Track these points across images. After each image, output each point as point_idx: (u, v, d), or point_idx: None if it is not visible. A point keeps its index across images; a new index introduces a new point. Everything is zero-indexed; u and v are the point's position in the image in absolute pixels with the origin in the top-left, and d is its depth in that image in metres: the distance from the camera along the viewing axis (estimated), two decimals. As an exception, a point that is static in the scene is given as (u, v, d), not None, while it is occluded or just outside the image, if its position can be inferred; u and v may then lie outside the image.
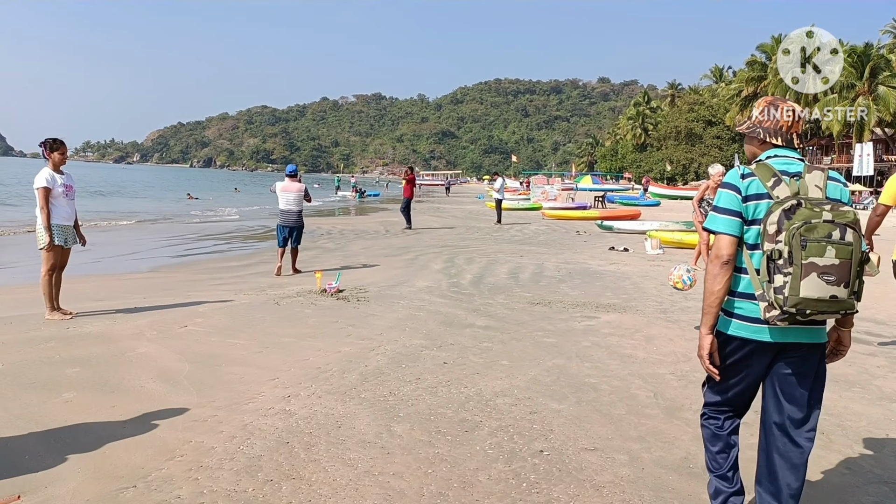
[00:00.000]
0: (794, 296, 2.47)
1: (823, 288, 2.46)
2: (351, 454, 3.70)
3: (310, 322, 6.98)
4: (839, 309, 2.52)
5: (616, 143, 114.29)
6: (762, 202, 2.66)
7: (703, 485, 3.43)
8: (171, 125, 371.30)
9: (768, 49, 70.98)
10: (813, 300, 2.46)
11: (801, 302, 2.47)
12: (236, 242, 17.63)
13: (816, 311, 2.49)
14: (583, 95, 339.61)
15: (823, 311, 2.50)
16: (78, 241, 7.28)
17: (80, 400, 4.50)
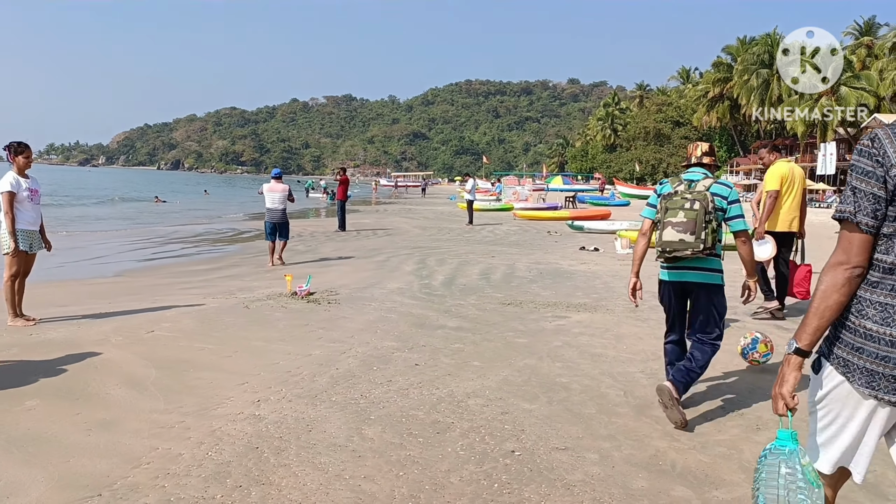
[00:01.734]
0: (659, 241, 4.35)
1: (675, 235, 4.24)
2: (321, 458, 3.67)
3: (280, 325, 6.91)
4: (688, 248, 4.21)
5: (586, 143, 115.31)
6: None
7: (673, 482, 3.47)
8: (138, 127, 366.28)
9: (733, 51, 72.20)
10: (668, 241, 4.27)
11: (662, 244, 4.31)
12: (205, 246, 17.44)
13: (673, 249, 4.26)
14: (553, 97, 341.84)
15: (677, 248, 4.24)
16: (43, 246, 7.13)
17: (43, 408, 4.41)
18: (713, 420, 4.40)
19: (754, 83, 64.11)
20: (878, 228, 2.00)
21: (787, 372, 2.16)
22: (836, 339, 2.11)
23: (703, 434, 4.14)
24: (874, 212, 1.98)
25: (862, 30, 60.74)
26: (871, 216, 1.98)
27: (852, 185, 2.04)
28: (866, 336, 2.01)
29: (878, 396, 2.00)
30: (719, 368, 5.57)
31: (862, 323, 2.02)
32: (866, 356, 2.01)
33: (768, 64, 63.70)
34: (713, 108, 73.06)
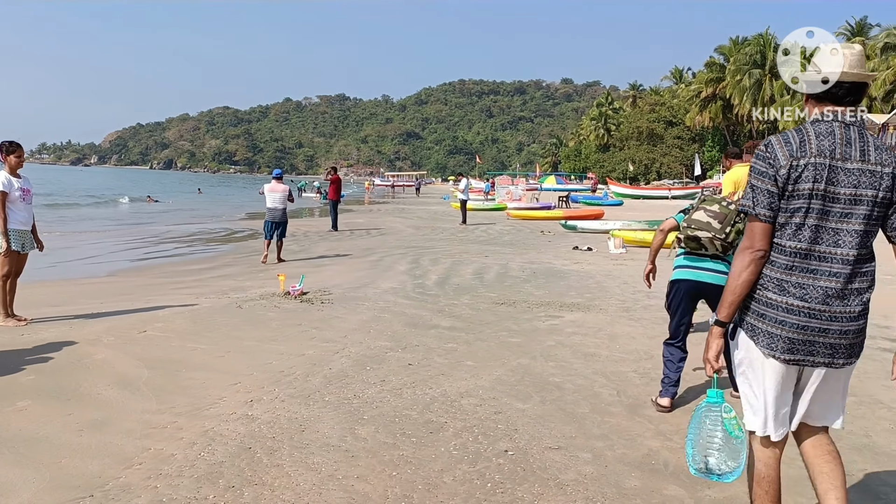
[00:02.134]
0: (688, 219, 4.46)
1: (704, 216, 4.38)
2: (314, 458, 3.67)
3: (273, 325, 6.90)
4: (712, 232, 4.32)
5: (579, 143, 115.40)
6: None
7: (665, 481, 3.49)
8: (130, 126, 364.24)
9: (726, 51, 72.37)
10: (696, 220, 4.39)
11: (690, 221, 4.43)
12: (198, 245, 17.39)
13: (698, 227, 4.36)
14: (546, 96, 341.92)
15: (702, 228, 4.35)
16: (35, 246, 7.10)
17: (34, 408, 4.39)
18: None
19: (747, 83, 64.31)
20: (775, 218, 2.43)
21: (711, 340, 2.55)
22: (746, 308, 2.52)
23: (695, 433, 4.15)
24: (769, 205, 2.41)
25: (853, 30, 60.98)
26: (767, 208, 2.42)
27: (751, 183, 2.47)
28: (767, 304, 2.45)
29: (776, 356, 2.43)
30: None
31: (764, 294, 2.45)
32: (768, 321, 2.44)
33: (761, 64, 63.94)
34: (706, 108, 73.24)
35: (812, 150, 2.39)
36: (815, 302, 2.40)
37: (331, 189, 20.73)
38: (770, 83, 62.28)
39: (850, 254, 2.40)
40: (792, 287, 2.41)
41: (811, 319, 2.40)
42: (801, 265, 2.41)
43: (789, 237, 2.42)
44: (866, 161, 2.39)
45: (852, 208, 2.38)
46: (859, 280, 2.43)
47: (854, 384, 5.20)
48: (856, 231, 2.39)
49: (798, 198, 2.39)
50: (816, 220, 2.39)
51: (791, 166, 2.39)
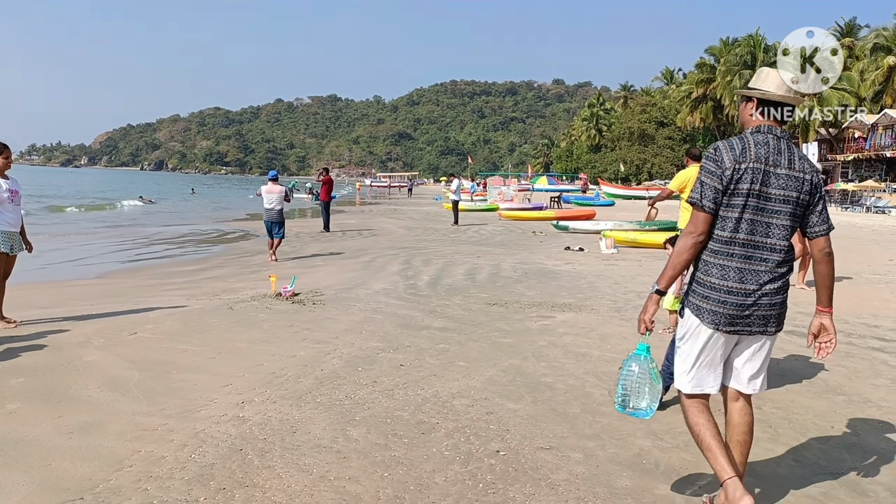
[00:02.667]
0: None
1: None
2: (306, 459, 3.66)
3: (264, 327, 6.89)
4: None
5: (571, 143, 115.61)
6: None
7: (656, 480, 3.50)
8: (121, 127, 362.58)
9: (717, 52, 72.68)
10: None
11: None
12: (189, 247, 17.33)
13: None
14: (538, 97, 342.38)
15: None
16: (24, 247, 7.06)
17: (24, 411, 4.36)
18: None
19: (737, 84, 64.55)
20: (716, 211, 2.89)
21: (649, 305, 3.02)
22: (692, 292, 2.99)
23: (686, 433, 4.14)
24: (714, 199, 2.88)
25: (843, 31, 61.35)
26: (712, 202, 2.88)
27: (701, 179, 2.93)
28: (711, 288, 2.91)
29: (719, 329, 2.91)
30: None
31: (708, 279, 2.93)
32: (712, 301, 2.91)
33: (751, 65, 64.17)
34: (696, 109, 73.53)
35: (751, 156, 2.87)
36: (750, 283, 2.88)
37: (322, 190, 20.72)
38: (760, 84, 62.48)
39: (778, 243, 2.90)
40: (732, 272, 2.88)
41: (747, 297, 2.88)
42: (739, 252, 2.89)
43: (731, 229, 2.88)
44: (792, 168, 2.90)
45: (781, 206, 2.88)
46: (785, 265, 2.94)
47: (843, 382, 5.25)
48: (783, 225, 2.90)
49: (738, 195, 2.86)
50: (752, 214, 2.87)
51: (734, 169, 2.86)
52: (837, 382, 5.28)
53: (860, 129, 52.38)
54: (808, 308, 8.20)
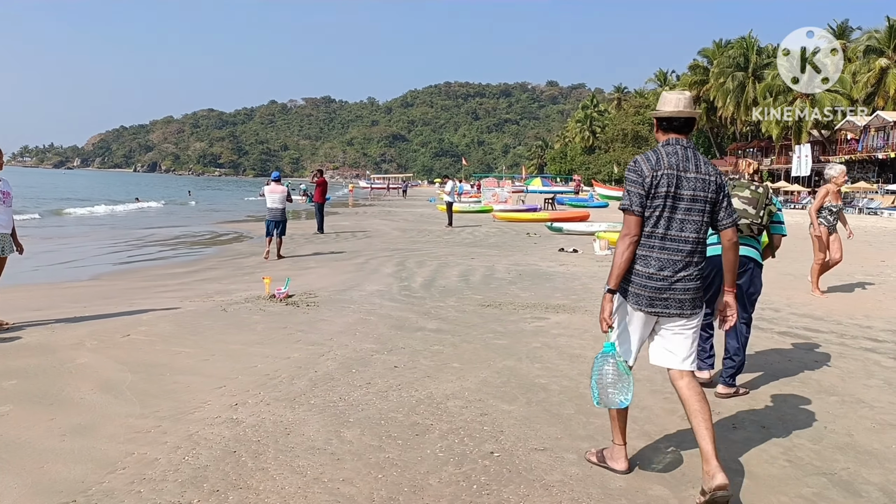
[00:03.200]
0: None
1: (740, 204, 4.96)
2: (300, 461, 3.65)
3: (258, 328, 6.87)
4: (749, 218, 4.98)
5: (565, 145, 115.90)
6: None
7: (650, 482, 3.50)
8: (114, 129, 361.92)
9: (710, 54, 72.94)
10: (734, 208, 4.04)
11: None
12: (182, 248, 17.28)
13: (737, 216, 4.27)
14: (532, 99, 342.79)
15: (740, 216, 4.83)
16: (15, 249, 7.03)
17: (16, 413, 4.34)
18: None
19: (730, 86, 64.83)
20: (643, 213, 3.35)
21: (605, 304, 3.43)
22: (633, 275, 3.41)
23: (679, 434, 4.17)
24: (641, 203, 3.34)
25: (835, 33, 61.58)
26: (640, 206, 3.34)
27: (628, 189, 3.40)
28: (635, 274, 3.39)
29: (640, 309, 3.39)
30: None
31: (633, 266, 3.39)
32: (635, 285, 3.39)
33: (744, 67, 64.52)
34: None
35: (665, 164, 3.36)
36: (668, 270, 3.34)
37: (317, 192, 20.73)
38: (753, 85, 62.84)
39: (690, 236, 3.36)
40: (653, 260, 3.36)
41: (664, 282, 3.34)
42: (659, 245, 3.36)
43: (651, 225, 3.36)
44: (699, 172, 3.39)
45: (692, 205, 3.36)
46: (697, 255, 3.40)
47: (836, 383, 5.27)
48: (695, 220, 3.37)
49: (657, 198, 3.34)
50: (669, 213, 3.35)
51: (653, 176, 3.34)
52: (830, 383, 5.30)
53: (853, 131, 52.64)
54: (801, 309, 8.27)
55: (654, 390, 5.02)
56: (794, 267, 12.80)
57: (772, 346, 6.47)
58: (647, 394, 4.93)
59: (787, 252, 15.92)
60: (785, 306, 8.58)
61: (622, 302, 3.46)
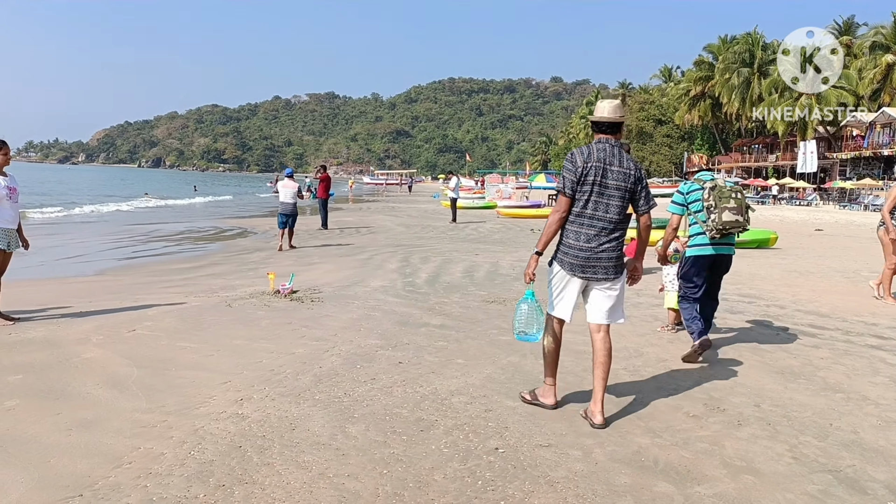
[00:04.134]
0: (719, 222, 5.65)
1: (732, 216, 5.66)
2: (305, 456, 3.66)
3: (263, 324, 6.88)
4: (741, 226, 5.73)
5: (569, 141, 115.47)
6: (695, 192, 5.89)
7: (655, 478, 3.50)
8: (118, 124, 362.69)
9: (715, 49, 72.65)
10: (728, 222, 5.65)
11: (724, 223, 5.64)
12: (187, 244, 17.30)
13: (731, 227, 5.67)
14: (536, 94, 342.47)
15: (734, 227, 5.69)
16: (21, 244, 7.05)
17: (23, 408, 4.36)
18: (694, 416, 4.44)
19: (735, 82, 64.60)
20: (574, 196, 4.17)
21: (531, 262, 4.26)
22: (557, 249, 4.31)
23: (684, 430, 4.17)
24: (572, 188, 4.16)
25: (841, 29, 61.36)
26: (571, 190, 4.17)
27: (563, 175, 4.22)
28: (568, 246, 4.21)
29: (575, 275, 4.21)
30: (700, 365, 5.62)
31: (567, 240, 4.22)
32: (569, 256, 4.21)
33: (749, 63, 64.27)
34: (695, 107, 73.51)
35: (594, 158, 4.17)
36: (594, 242, 4.15)
37: (320, 187, 20.78)
38: (758, 81, 62.61)
39: (613, 217, 4.17)
40: (582, 235, 4.16)
41: (591, 253, 4.15)
42: (587, 223, 4.16)
43: (582, 207, 4.16)
44: (622, 166, 4.19)
45: (614, 192, 4.16)
46: (618, 231, 4.19)
47: (841, 380, 5.26)
48: (616, 204, 4.17)
49: (586, 185, 4.14)
50: (596, 197, 4.15)
51: (584, 166, 4.14)
52: (836, 380, 5.29)
53: (858, 128, 52.42)
54: (807, 306, 8.24)
55: (659, 387, 5.02)
56: (799, 264, 12.78)
57: (777, 343, 6.46)
58: (651, 391, 4.94)
59: (792, 249, 15.91)
60: (790, 303, 8.56)
61: (560, 270, 4.27)
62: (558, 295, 4.30)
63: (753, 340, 6.54)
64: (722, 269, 5.94)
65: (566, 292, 4.27)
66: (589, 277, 4.19)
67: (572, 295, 4.26)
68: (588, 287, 4.27)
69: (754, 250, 14.79)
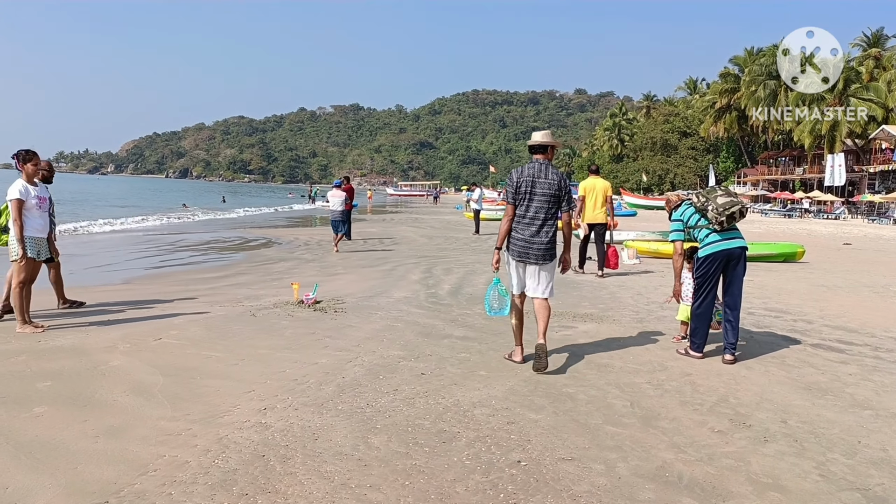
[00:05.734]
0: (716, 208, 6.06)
1: (726, 197, 6.11)
2: (328, 467, 3.68)
3: (286, 334, 6.93)
4: (738, 203, 6.07)
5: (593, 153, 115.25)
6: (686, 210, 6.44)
7: (680, 494, 3.46)
8: (147, 135, 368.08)
9: (741, 61, 72.14)
10: (725, 202, 6.05)
11: (721, 205, 6.04)
12: (212, 254, 17.47)
13: (730, 204, 6.03)
14: (560, 106, 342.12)
15: (733, 203, 6.04)
16: (51, 253, 7.18)
17: (51, 414, 4.43)
18: (720, 431, 4.39)
19: (762, 94, 64.04)
20: (515, 203, 5.63)
21: (494, 255, 5.65)
22: (508, 240, 5.69)
23: (710, 446, 4.12)
24: (512, 197, 5.62)
25: (869, 41, 60.63)
26: (511, 199, 5.64)
27: (506, 188, 5.73)
28: (514, 239, 5.64)
29: (517, 259, 5.63)
30: (726, 379, 5.56)
31: (513, 235, 5.64)
32: (513, 245, 5.65)
33: (776, 75, 63.65)
34: (720, 119, 72.99)
35: (526, 174, 5.65)
36: (528, 236, 5.59)
37: None
38: (785, 94, 61.94)
39: (542, 216, 5.59)
40: (521, 230, 5.62)
41: (526, 244, 5.60)
42: (525, 222, 5.62)
43: (523, 210, 5.61)
44: (547, 178, 5.63)
45: (542, 198, 5.59)
46: (546, 227, 5.61)
47: (870, 397, 5.17)
48: (545, 208, 5.60)
49: (520, 194, 5.61)
50: (528, 202, 5.60)
51: (517, 181, 5.63)
52: (865, 397, 5.20)
53: (887, 141, 51.63)
54: (835, 321, 8.14)
55: (684, 402, 4.97)
56: (827, 278, 12.59)
57: (804, 358, 6.37)
58: (676, 405, 4.89)
59: (819, 263, 15.68)
60: (818, 318, 8.44)
61: (508, 257, 5.75)
62: (511, 275, 5.79)
63: (780, 355, 6.45)
64: (737, 266, 6.12)
65: (514, 273, 5.76)
66: (526, 261, 5.63)
67: (517, 274, 5.73)
68: (525, 268, 5.67)
69: (781, 264, 14.61)
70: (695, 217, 6.29)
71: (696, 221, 6.27)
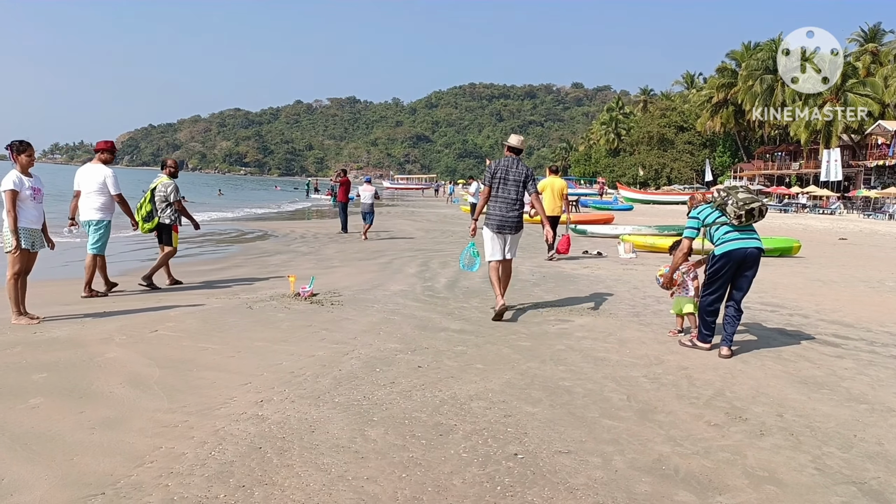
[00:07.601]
0: (737, 203, 5.99)
1: (747, 194, 6.03)
2: (324, 459, 3.68)
3: (283, 326, 6.92)
4: (759, 200, 6.03)
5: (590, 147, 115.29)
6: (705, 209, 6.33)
7: (676, 487, 3.47)
8: (142, 127, 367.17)
9: (738, 56, 72.16)
10: (745, 198, 5.98)
11: (742, 200, 5.96)
12: (208, 246, 17.45)
13: (751, 200, 5.96)
14: (557, 100, 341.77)
15: (754, 199, 5.98)
16: (46, 244, 7.15)
17: (47, 406, 4.42)
18: (716, 425, 4.40)
19: (758, 89, 64.09)
20: (491, 186, 7.56)
21: (470, 227, 7.83)
22: (486, 216, 7.59)
23: (706, 439, 4.13)
24: (489, 181, 7.59)
25: (867, 36, 60.70)
26: (487, 182, 7.60)
27: (485, 175, 7.75)
28: (489, 214, 7.55)
29: (497, 231, 7.52)
30: (722, 373, 5.57)
31: (489, 212, 7.54)
32: (490, 219, 7.54)
33: (773, 70, 63.70)
34: (717, 114, 73.04)
35: (501, 166, 7.55)
36: (503, 212, 7.43)
37: (340, 191, 20.98)
38: (782, 88, 62.01)
39: (512, 196, 7.45)
40: (496, 207, 7.45)
41: (501, 218, 7.44)
42: (499, 201, 7.46)
43: (496, 192, 7.47)
44: (517, 169, 7.52)
45: (513, 183, 7.47)
46: (516, 205, 7.44)
47: (866, 391, 5.19)
48: (515, 189, 7.46)
49: (496, 179, 7.49)
50: (501, 185, 7.46)
51: (496, 169, 7.52)
52: (860, 391, 5.22)
53: (883, 136, 51.73)
54: (831, 316, 8.17)
55: (681, 395, 4.98)
56: (823, 273, 12.62)
57: (800, 353, 6.39)
58: (672, 398, 4.90)
59: (815, 258, 15.71)
60: (814, 312, 8.47)
61: (487, 231, 7.50)
62: (489, 244, 7.53)
63: (776, 349, 6.47)
64: (750, 268, 6.05)
65: (493, 243, 7.48)
66: (503, 233, 7.45)
67: (496, 243, 7.48)
68: (502, 238, 7.47)
69: (777, 258, 14.63)
70: (713, 215, 6.18)
71: (714, 219, 6.17)
